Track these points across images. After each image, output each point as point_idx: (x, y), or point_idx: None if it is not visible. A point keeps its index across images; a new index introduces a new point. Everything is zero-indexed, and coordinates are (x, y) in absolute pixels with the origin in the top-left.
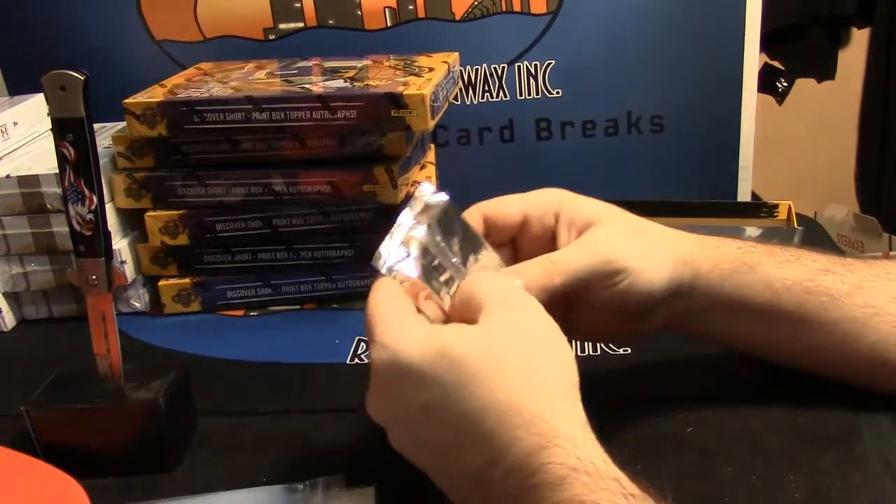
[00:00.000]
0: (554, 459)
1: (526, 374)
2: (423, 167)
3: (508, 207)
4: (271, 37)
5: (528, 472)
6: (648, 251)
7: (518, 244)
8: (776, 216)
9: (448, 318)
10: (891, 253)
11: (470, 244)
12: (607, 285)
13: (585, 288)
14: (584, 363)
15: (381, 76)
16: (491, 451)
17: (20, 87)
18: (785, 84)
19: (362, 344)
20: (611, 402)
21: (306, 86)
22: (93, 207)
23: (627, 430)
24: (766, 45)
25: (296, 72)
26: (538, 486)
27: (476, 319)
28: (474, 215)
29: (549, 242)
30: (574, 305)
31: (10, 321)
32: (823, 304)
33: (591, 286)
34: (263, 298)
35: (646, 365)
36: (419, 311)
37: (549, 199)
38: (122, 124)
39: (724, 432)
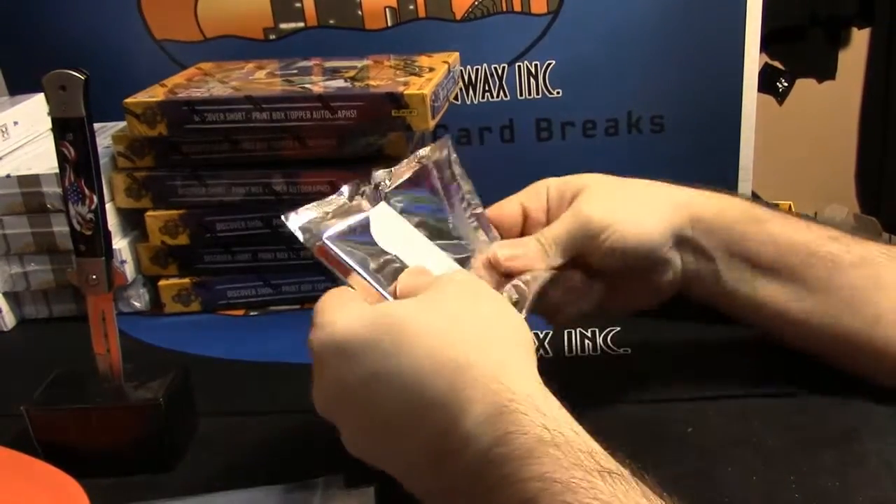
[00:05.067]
0: (518, 428)
1: (470, 332)
2: None
3: (506, 207)
4: (271, 37)
5: (488, 442)
6: (633, 204)
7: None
8: None
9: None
10: None
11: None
12: (598, 245)
13: (585, 254)
14: (584, 363)
15: (382, 76)
16: (444, 419)
17: (20, 87)
18: (785, 84)
19: None
20: (611, 402)
21: (306, 86)
22: (93, 207)
23: (627, 430)
24: (766, 45)
25: (296, 72)
26: (503, 459)
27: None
28: None
29: None
30: (599, 279)
31: (10, 321)
32: (827, 269)
33: (586, 251)
34: (263, 298)
35: (646, 365)
36: None
37: (540, 187)
38: (122, 124)
39: (724, 432)
